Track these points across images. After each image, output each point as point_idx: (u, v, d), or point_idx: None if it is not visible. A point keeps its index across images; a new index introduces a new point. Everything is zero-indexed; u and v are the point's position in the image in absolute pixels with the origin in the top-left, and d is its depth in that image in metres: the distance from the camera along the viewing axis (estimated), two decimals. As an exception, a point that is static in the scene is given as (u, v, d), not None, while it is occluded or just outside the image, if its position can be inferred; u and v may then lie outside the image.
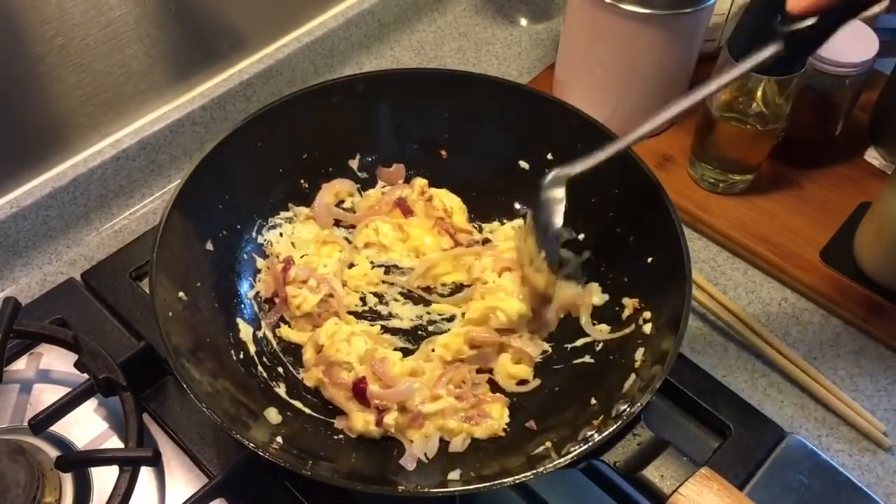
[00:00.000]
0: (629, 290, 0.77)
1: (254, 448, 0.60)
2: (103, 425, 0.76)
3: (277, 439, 0.66)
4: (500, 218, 0.88)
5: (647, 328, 0.72)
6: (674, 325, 0.66)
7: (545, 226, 0.73)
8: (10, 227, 0.84)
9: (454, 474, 0.66)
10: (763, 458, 0.74)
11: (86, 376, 0.73)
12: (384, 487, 0.62)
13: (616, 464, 0.62)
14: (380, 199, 0.88)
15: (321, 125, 0.85)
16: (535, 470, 0.60)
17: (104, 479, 0.71)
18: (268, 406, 0.71)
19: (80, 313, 0.81)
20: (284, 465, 0.60)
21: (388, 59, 1.12)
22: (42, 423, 0.71)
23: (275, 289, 0.80)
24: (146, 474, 0.72)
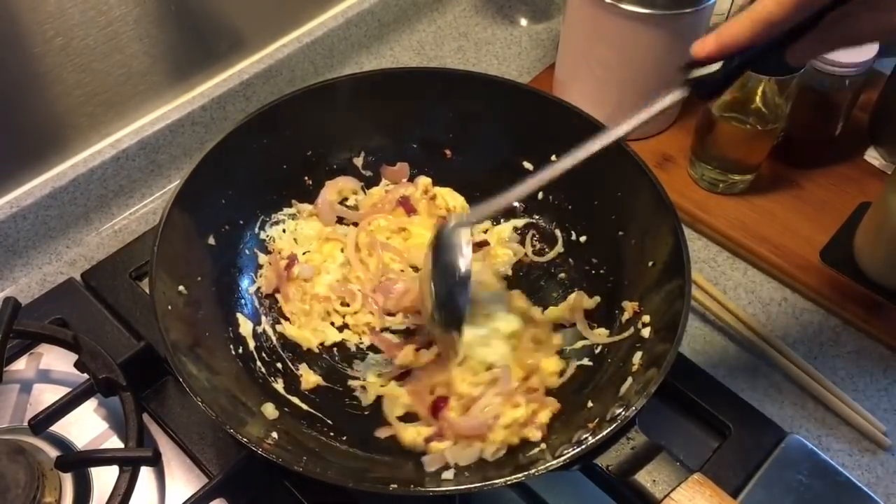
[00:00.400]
0: (629, 294, 0.76)
1: (247, 443, 0.60)
2: (103, 425, 0.76)
3: (273, 435, 0.66)
4: (500, 218, 0.88)
5: (646, 332, 0.71)
6: (672, 330, 0.66)
7: (449, 271, 0.68)
8: (10, 227, 0.84)
9: (447, 474, 0.66)
10: (763, 458, 0.74)
11: (86, 376, 0.73)
12: (376, 485, 0.62)
13: (609, 467, 0.62)
14: (383, 197, 0.88)
15: (325, 123, 0.85)
16: (527, 471, 0.60)
17: (104, 479, 0.71)
18: (265, 402, 0.71)
19: (80, 313, 0.81)
20: (277, 461, 0.59)
21: (388, 59, 1.12)
22: (42, 423, 0.71)
23: (276, 285, 0.81)
24: (146, 474, 0.72)
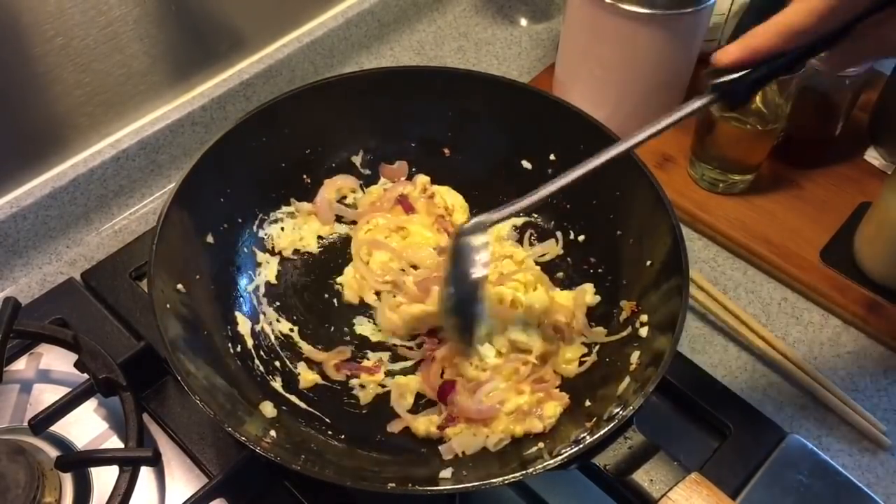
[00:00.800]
0: (627, 293, 0.76)
1: (245, 442, 0.60)
2: (103, 425, 0.76)
3: (271, 433, 0.66)
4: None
5: (644, 331, 0.71)
6: (670, 329, 0.66)
7: (462, 275, 0.68)
8: (10, 227, 0.84)
9: (445, 472, 0.66)
10: (763, 458, 0.74)
11: (86, 376, 0.73)
12: (374, 484, 0.62)
13: (606, 466, 0.62)
14: (382, 195, 0.88)
15: (324, 121, 0.85)
16: (525, 471, 0.60)
17: (104, 479, 0.70)
18: (263, 400, 0.71)
19: (80, 313, 0.81)
20: (275, 460, 0.59)
21: (388, 58, 1.12)
22: (42, 423, 0.71)
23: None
24: (146, 474, 0.72)
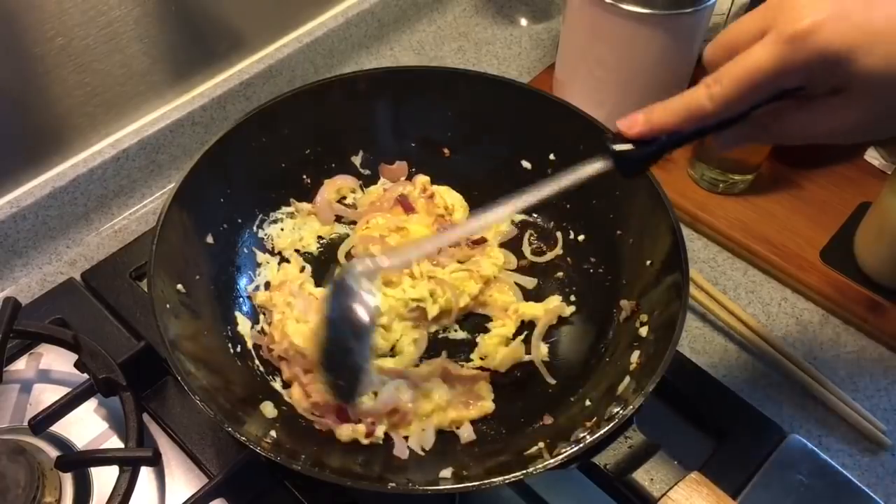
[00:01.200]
0: (627, 293, 0.76)
1: (245, 442, 0.60)
2: (103, 425, 0.76)
3: (271, 433, 0.66)
4: (499, 217, 0.88)
5: (644, 331, 0.71)
6: (670, 329, 0.66)
7: (350, 320, 0.63)
8: (10, 227, 0.84)
9: (446, 472, 0.66)
10: (763, 458, 0.74)
11: (86, 376, 0.73)
12: (374, 484, 0.62)
13: (606, 466, 0.62)
14: (381, 195, 0.88)
15: (324, 121, 0.85)
16: (525, 470, 0.60)
17: (104, 479, 0.70)
18: (264, 400, 0.71)
19: (80, 313, 0.81)
20: (275, 460, 0.59)
21: (388, 58, 1.12)
22: (42, 423, 0.71)
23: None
24: (146, 474, 0.72)
